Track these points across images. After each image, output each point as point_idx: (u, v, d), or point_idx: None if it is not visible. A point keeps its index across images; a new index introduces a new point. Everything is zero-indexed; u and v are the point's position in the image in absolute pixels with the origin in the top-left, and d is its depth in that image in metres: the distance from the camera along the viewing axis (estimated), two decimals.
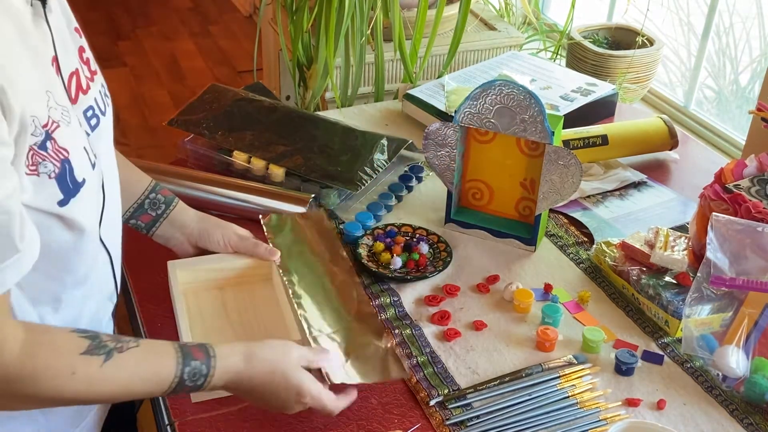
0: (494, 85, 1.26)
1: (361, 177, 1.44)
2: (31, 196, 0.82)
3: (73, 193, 0.87)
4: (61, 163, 0.85)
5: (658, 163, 1.63)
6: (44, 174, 0.83)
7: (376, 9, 1.98)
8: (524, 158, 1.35)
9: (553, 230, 1.42)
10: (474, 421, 1.05)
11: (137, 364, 0.88)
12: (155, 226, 1.21)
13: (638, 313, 1.24)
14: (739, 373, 1.09)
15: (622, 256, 1.28)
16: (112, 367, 0.85)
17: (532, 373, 1.12)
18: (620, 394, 1.10)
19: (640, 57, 2.68)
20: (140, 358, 0.88)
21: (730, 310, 1.13)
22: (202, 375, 0.91)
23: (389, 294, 1.25)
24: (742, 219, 1.15)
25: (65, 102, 0.88)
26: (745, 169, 1.26)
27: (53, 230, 0.87)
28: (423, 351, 1.15)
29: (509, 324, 1.21)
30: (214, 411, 1.05)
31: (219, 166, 1.50)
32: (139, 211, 1.20)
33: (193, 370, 0.90)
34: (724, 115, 2.96)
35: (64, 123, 0.85)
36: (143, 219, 1.20)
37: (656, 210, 1.48)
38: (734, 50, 3.00)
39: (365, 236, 1.34)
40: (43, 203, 0.84)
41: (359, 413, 1.05)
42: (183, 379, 0.89)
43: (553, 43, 2.80)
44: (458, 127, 1.31)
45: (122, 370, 0.86)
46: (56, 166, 0.84)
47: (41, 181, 0.83)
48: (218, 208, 1.41)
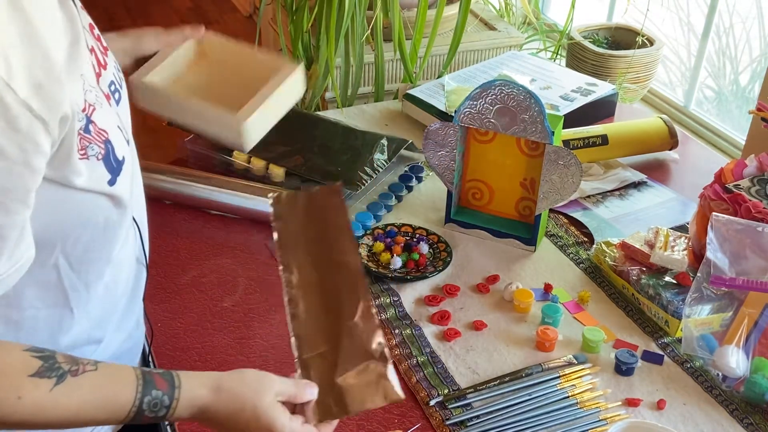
0: (494, 85, 1.26)
1: (361, 177, 1.44)
2: (86, 179, 0.83)
3: (117, 171, 0.88)
4: (104, 144, 0.86)
5: (658, 163, 1.63)
6: (93, 156, 0.84)
7: (376, 9, 1.98)
8: (524, 158, 1.35)
9: (553, 230, 1.42)
10: (474, 421, 1.05)
11: (91, 390, 0.82)
12: None
13: (638, 313, 1.24)
14: (739, 373, 1.09)
15: (622, 256, 1.28)
16: (63, 391, 0.79)
17: (532, 373, 1.12)
18: (620, 394, 1.10)
19: (640, 57, 2.68)
20: (96, 383, 0.82)
21: (730, 310, 1.13)
22: (164, 406, 0.84)
23: (389, 294, 1.25)
24: (742, 219, 1.15)
25: (94, 83, 0.87)
26: (745, 169, 1.26)
27: (102, 209, 0.89)
28: (423, 351, 1.15)
29: (509, 324, 1.21)
30: None
31: (219, 166, 1.50)
32: None
33: (154, 399, 0.84)
34: (724, 115, 2.96)
35: (98, 105, 0.86)
36: None
37: (656, 210, 1.48)
38: (734, 50, 3.00)
39: (365, 236, 1.35)
40: (95, 185, 0.85)
41: (359, 413, 1.05)
42: (142, 409, 0.83)
43: (553, 43, 2.80)
44: (458, 127, 1.31)
45: (74, 395, 0.80)
46: (101, 147, 0.85)
47: (91, 164, 0.84)
48: (218, 208, 1.41)
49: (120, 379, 0.84)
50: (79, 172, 0.83)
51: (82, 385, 0.81)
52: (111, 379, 0.84)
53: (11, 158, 0.73)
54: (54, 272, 0.88)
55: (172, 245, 1.34)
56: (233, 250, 1.34)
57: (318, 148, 1.49)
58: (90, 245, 0.89)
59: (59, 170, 0.81)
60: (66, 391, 0.80)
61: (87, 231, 0.88)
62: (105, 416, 0.83)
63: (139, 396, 0.83)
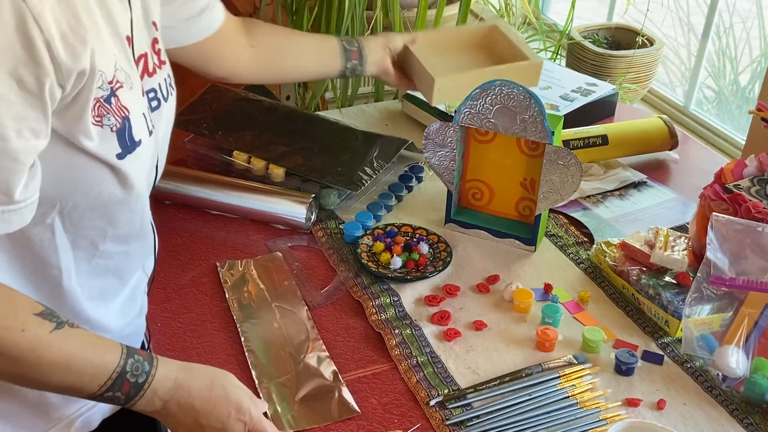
0: (494, 85, 1.26)
1: (361, 177, 1.44)
2: (96, 144, 0.88)
3: (130, 149, 0.92)
4: (122, 119, 0.90)
5: (658, 163, 1.63)
6: (107, 126, 0.89)
7: (376, 9, 1.98)
8: (524, 158, 1.35)
9: (553, 230, 1.42)
10: (474, 421, 1.05)
11: (84, 342, 0.88)
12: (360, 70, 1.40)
13: (638, 313, 1.24)
14: (739, 373, 1.09)
15: (622, 256, 1.28)
16: (61, 336, 0.85)
17: (532, 373, 1.12)
18: (620, 394, 1.10)
19: (640, 57, 2.69)
20: (89, 337, 0.89)
21: (730, 310, 1.13)
22: (144, 372, 0.90)
23: (389, 294, 1.25)
24: (742, 219, 1.15)
25: (129, 70, 0.92)
26: (745, 169, 1.26)
27: (106, 181, 0.92)
28: (423, 351, 1.15)
29: (509, 324, 1.21)
30: None
31: (219, 166, 1.50)
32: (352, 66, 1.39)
33: (136, 362, 0.89)
34: (724, 115, 2.96)
35: (127, 86, 0.91)
36: (354, 57, 1.39)
37: (656, 210, 1.48)
38: (734, 50, 3.01)
39: (365, 236, 1.35)
40: (103, 153, 0.89)
41: (359, 413, 1.05)
42: (125, 371, 0.88)
43: (553, 43, 2.80)
44: (458, 127, 1.31)
45: (70, 342, 0.86)
46: (118, 121, 0.90)
47: (104, 133, 0.89)
48: (218, 208, 1.41)
49: (108, 342, 0.90)
50: (89, 135, 0.87)
51: (76, 336, 0.87)
52: (101, 339, 0.90)
53: (28, 89, 0.78)
54: (48, 231, 0.92)
55: (172, 245, 1.34)
56: (233, 250, 1.35)
57: (318, 148, 1.49)
58: (88, 214, 0.93)
59: (69, 126, 0.86)
60: (63, 337, 0.86)
61: (87, 200, 0.92)
62: (91, 372, 0.88)
63: (123, 356, 0.89)
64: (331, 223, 1.41)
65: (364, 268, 1.29)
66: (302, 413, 1.05)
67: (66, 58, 0.80)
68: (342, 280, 1.28)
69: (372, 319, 1.20)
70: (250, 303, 1.22)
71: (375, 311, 1.21)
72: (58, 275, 0.95)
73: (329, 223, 1.41)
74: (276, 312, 1.21)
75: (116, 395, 0.89)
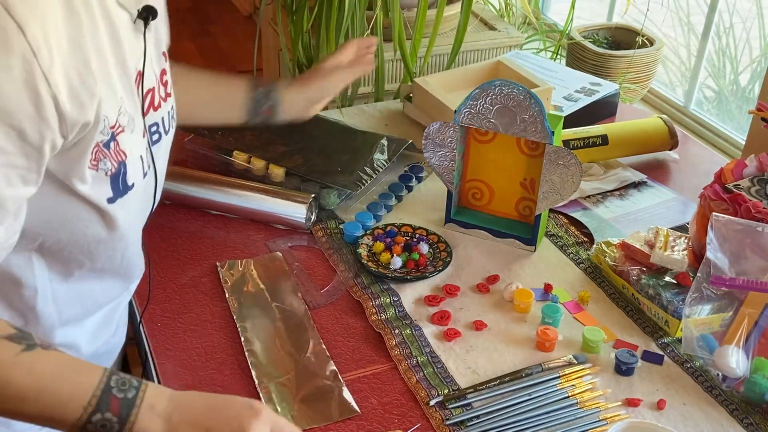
0: (494, 85, 1.26)
1: (361, 177, 1.44)
2: (88, 188, 0.87)
3: (122, 193, 0.92)
4: (118, 164, 0.89)
5: (658, 163, 1.63)
6: (102, 170, 0.88)
7: (376, 9, 1.98)
8: (524, 158, 1.35)
9: (553, 230, 1.42)
10: (474, 421, 1.05)
11: (57, 363, 0.81)
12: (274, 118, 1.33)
13: (638, 313, 1.24)
14: (739, 373, 1.09)
15: (622, 256, 1.28)
16: (30, 357, 0.79)
17: (532, 373, 1.12)
18: (620, 394, 1.10)
19: (640, 57, 2.69)
20: (64, 358, 0.82)
21: (730, 310, 1.13)
22: (132, 386, 0.81)
23: (389, 294, 1.25)
24: (742, 219, 1.15)
25: (134, 112, 0.92)
26: (745, 169, 1.26)
27: (93, 222, 0.92)
28: (423, 351, 1.15)
29: (509, 324, 1.21)
30: None
31: (219, 166, 1.50)
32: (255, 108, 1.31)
33: (122, 379, 0.81)
34: (724, 115, 2.96)
35: (128, 129, 0.90)
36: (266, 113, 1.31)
37: (656, 210, 1.48)
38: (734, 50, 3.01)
39: (365, 236, 1.35)
40: (95, 196, 0.89)
41: (359, 413, 1.05)
42: (109, 386, 0.80)
43: (553, 43, 2.80)
44: (458, 127, 1.31)
45: (40, 364, 0.79)
46: (114, 165, 0.89)
47: (98, 177, 0.88)
48: (218, 208, 1.41)
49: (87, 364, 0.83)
50: (84, 179, 0.86)
51: (50, 357, 0.81)
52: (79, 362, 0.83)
53: (29, 141, 0.78)
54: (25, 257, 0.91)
55: (172, 245, 1.34)
56: (233, 250, 1.35)
57: (318, 148, 1.49)
58: (68, 247, 0.93)
59: (66, 169, 0.85)
60: (32, 359, 0.79)
61: (71, 237, 0.91)
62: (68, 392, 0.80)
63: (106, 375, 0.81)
64: (331, 223, 1.41)
65: (364, 268, 1.29)
66: (302, 413, 1.05)
67: (72, 111, 0.79)
68: (342, 280, 1.28)
69: (372, 319, 1.20)
70: (250, 303, 1.22)
71: (375, 311, 1.21)
72: (33, 296, 0.94)
73: (329, 223, 1.41)
74: (276, 312, 1.21)
75: (106, 418, 0.79)
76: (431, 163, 1.37)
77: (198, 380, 1.09)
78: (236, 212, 1.41)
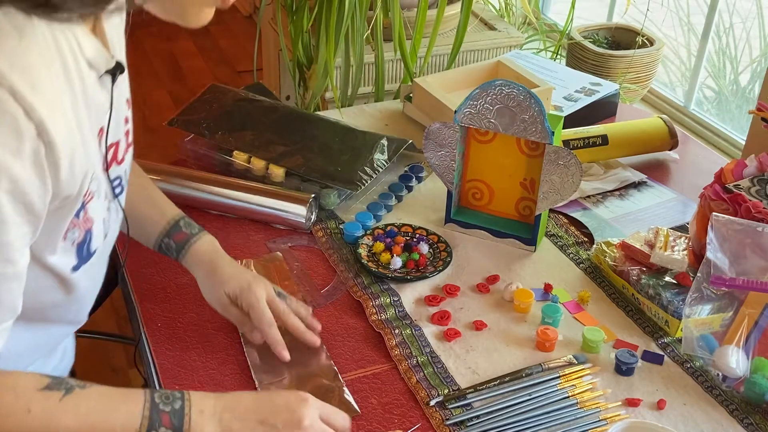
0: (494, 85, 1.26)
1: (361, 177, 1.44)
2: (57, 258, 0.86)
3: (85, 260, 0.91)
4: (85, 232, 0.88)
5: (658, 163, 1.63)
6: (70, 240, 0.87)
7: (376, 9, 1.98)
8: (524, 158, 1.35)
9: (553, 230, 1.42)
10: (474, 421, 1.05)
11: (100, 396, 0.85)
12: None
13: (638, 313, 1.24)
14: (739, 373, 1.09)
15: (622, 256, 1.28)
16: (73, 400, 0.83)
17: (532, 373, 1.12)
18: (620, 394, 1.10)
19: (640, 57, 2.69)
20: (105, 392, 0.85)
21: (730, 310, 1.13)
22: (176, 398, 0.86)
23: (389, 294, 1.25)
24: (742, 219, 1.15)
25: (100, 174, 0.90)
26: (745, 169, 1.26)
27: (53, 290, 0.91)
28: (423, 351, 1.15)
29: (509, 324, 1.21)
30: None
31: (219, 166, 1.50)
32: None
33: (163, 394, 0.86)
34: (724, 115, 2.96)
35: (97, 195, 0.89)
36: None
37: (656, 210, 1.48)
38: (734, 50, 3.00)
39: (365, 236, 1.34)
40: (60, 266, 0.88)
41: (359, 413, 1.05)
42: (155, 403, 0.85)
43: (553, 43, 2.80)
44: (458, 127, 1.31)
45: (84, 403, 0.83)
46: (81, 234, 0.88)
47: (66, 247, 0.87)
48: (218, 208, 1.41)
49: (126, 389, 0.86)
50: (54, 250, 0.85)
51: (90, 393, 0.84)
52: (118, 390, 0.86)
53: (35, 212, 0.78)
54: None
55: None
56: (233, 250, 1.34)
57: (318, 148, 1.49)
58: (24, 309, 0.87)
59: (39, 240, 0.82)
60: (75, 401, 0.82)
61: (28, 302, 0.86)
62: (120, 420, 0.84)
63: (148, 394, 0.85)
64: (331, 223, 1.41)
65: (364, 268, 1.29)
66: None
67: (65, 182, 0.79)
68: (342, 280, 1.28)
69: (372, 319, 1.20)
70: None
71: (375, 311, 1.21)
72: None
73: (329, 223, 1.41)
74: None
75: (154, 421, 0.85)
76: (431, 163, 1.37)
77: (198, 380, 1.09)
78: (236, 212, 1.41)
